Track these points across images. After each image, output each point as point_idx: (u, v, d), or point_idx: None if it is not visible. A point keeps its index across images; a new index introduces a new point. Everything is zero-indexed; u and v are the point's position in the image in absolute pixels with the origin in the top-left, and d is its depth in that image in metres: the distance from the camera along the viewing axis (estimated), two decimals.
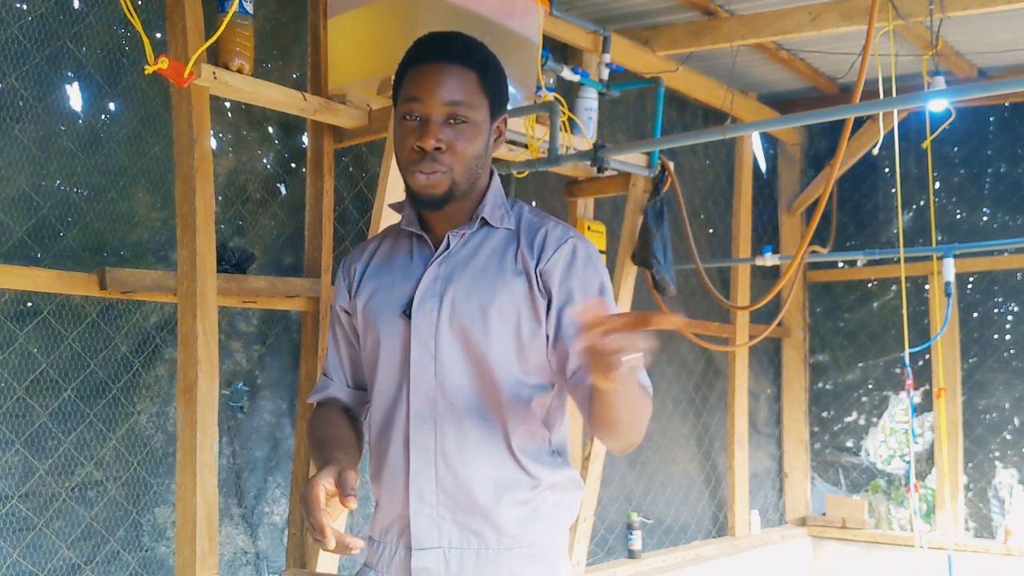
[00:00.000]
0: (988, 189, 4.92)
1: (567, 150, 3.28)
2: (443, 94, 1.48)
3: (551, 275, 1.51)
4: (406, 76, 1.53)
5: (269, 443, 2.86)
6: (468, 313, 1.50)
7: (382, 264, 1.64)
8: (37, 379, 2.38)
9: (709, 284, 3.93)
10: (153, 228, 2.65)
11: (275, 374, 2.91)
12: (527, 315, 1.51)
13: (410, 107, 1.50)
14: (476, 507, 1.50)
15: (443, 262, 1.55)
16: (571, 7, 3.74)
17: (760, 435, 5.23)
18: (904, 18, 3.60)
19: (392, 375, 1.55)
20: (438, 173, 1.49)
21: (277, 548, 2.85)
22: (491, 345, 1.50)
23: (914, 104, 3.68)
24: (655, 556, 4.29)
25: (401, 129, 1.52)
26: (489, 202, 1.57)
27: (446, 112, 1.48)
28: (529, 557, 1.52)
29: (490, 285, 1.51)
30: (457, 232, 1.56)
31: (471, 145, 1.51)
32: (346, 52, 2.85)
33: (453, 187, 1.51)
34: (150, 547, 2.61)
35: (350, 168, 3.16)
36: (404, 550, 1.53)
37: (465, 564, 1.50)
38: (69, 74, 2.47)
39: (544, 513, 1.54)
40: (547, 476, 1.53)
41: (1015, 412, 4.79)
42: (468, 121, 1.50)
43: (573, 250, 1.52)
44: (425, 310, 1.52)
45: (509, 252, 1.54)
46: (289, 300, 2.90)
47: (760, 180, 5.20)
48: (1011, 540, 4.60)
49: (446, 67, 1.50)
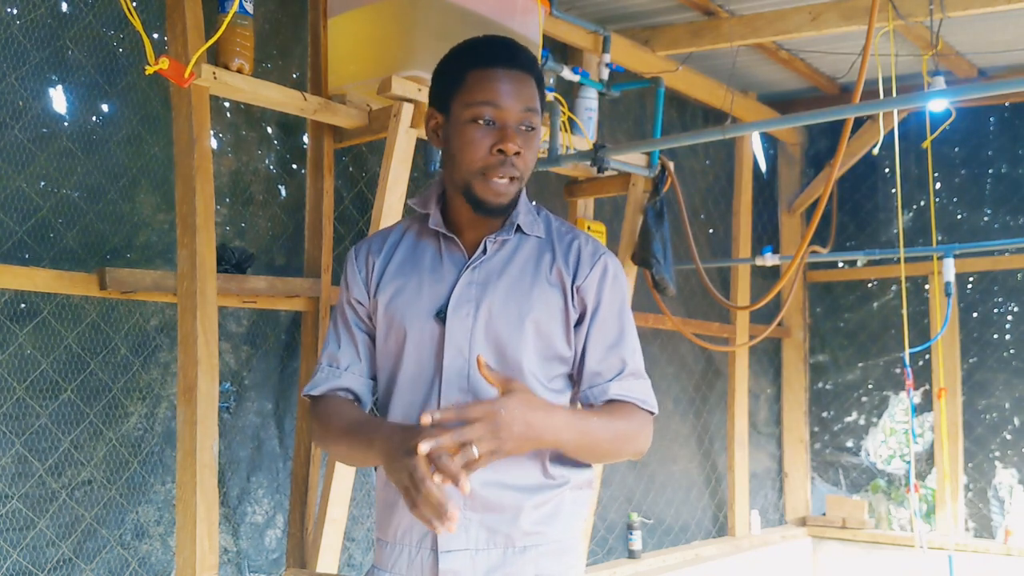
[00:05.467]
0: (988, 189, 4.92)
1: (567, 150, 3.28)
2: (522, 101, 1.50)
3: (588, 292, 1.55)
4: (471, 78, 1.51)
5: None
6: (505, 321, 1.52)
7: (406, 262, 1.61)
8: (37, 379, 2.37)
9: (709, 284, 3.93)
10: (153, 228, 2.65)
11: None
12: (559, 326, 1.54)
13: (483, 111, 1.49)
14: (503, 509, 1.51)
15: (477, 268, 1.56)
16: (571, 7, 3.74)
17: (760, 435, 5.23)
18: (904, 18, 3.60)
19: (420, 378, 1.54)
20: (515, 180, 1.52)
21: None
22: (526, 353, 1.52)
23: (914, 104, 3.68)
24: (655, 556, 4.29)
25: (471, 132, 1.49)
26: (522, 209, 1.59)
27: (522, 119, 1.50)
28: (554, 552, 1.54)
29: (527, 294, 1.53)
30: (495, 238, 1.56)
31: (535, 153, 1.55)
32: (346, 52, 2.85)
33: (519, 193, 1.55)
34: (150, 547, 2.61)
35: (350, 168, 3.16)
36: (429, 552, 1.52)
37: (492, 563, 1.51)
38: (69, 74, 2.47)
39: (565, 511, 1.56)
40: (569, 473, 1.56)
41: (1015, 412, 4.79)
42: (535, 128, 1.53)
43: (605, 268, 1.57)
44: (460, 315, 1.52)
45: (544, 262, 1.57)
46: (289, 300, 2.90)
47: (760, 180, 5.20)
48: (1011, 540, 4.60)
49: (519, 74, 1.51)
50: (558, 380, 1.58)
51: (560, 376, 1.58)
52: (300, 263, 3.00)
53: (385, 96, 2.70)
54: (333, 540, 2.73)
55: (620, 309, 1.58)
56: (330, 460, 2.73)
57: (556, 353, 1.55)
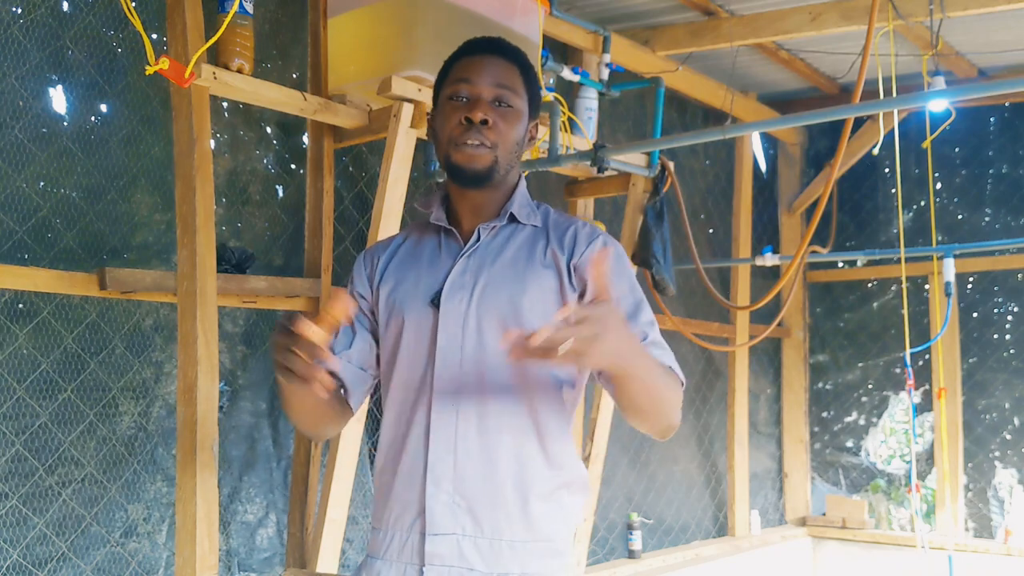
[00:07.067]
0: (989, 189, 4.92)
1: (567, 150, 3.28)
2: (493, 76, 1.57)
3: (586, 269, 1.54)
4: (453, 66, 1.60)
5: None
6: (498, 304, 1.53)
7: (408, 257, 1.66)
8: (36, 379, 2.38)
9: (709, 284, 3.92)
10: (151, 228, 2.65)
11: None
12: (556, 307, 1.53)
13: (457, 88, 1.56)
14: (494, 497, 1.51)
15: (472, 255, 1.59)
16: (571, 7, 3.74)
17: (760, 435, 5.23)
18: (904, 18, 3.60)
19: (416, 363, 1.56)
20: (483, 147, 1.55)
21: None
22: None
23: (914, 104, 3.68)
24: (655, 556, 4.29)
25: (446, 109, 1.57)
26: (518, 199, 1.62)
27: (494, 93, 1.56)
28: (543, 552, 1.53)
29: (520, 277, 1.55)
30: (487, 226, 1.60)
31: (513, 129, 1.58)
32: (346, 52, 2.85)
33: (495, 165, 1.56)
34: (150, 546, 2.61)
35: (350, 168, 3.16)
36: (418, 536, 1.53)
37: (478, 553, 1.50)
38: (69, 74, 2.47)
39: (560, 509, 1.56)
40: (565, 472, 1.56)
41: (1015, 412, 4.79)
42: (512, 107, 1.57)
43: (604, 245, 1.57)
44: (454, 300, 1.55)
45: (538, 247, 1.59)
46: (289, 300, 2.90)
47: (760, 180, 5.20)
48: (1011, 540, 4.60)
49: (495, 58, 1.59)
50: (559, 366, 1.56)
51: None
52: (300, 263, 3.00)
53: (385, 96, 2.70)
54: (333, 540, 2.73)
55: (631, 285, 1.58)
56: (330, 460, 2.73)
57: None
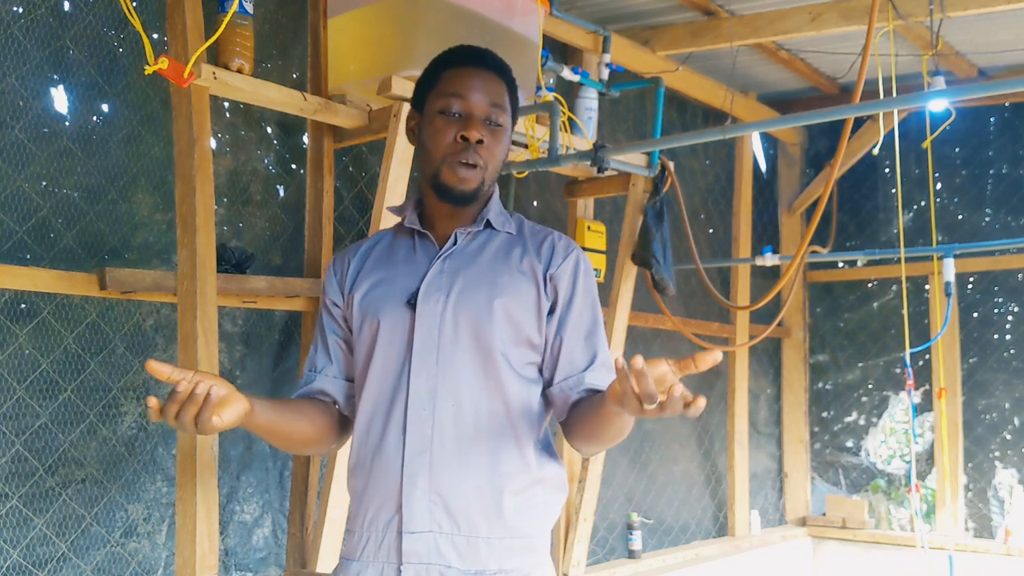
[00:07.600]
0: (989, 189, 4.92)
1: (567, 150, 3.28)
2: (488, 96, 1.59)
3: (560, 280, 1.60)
4: (443, 75, 1.61)
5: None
6: (474, 305, 1.55)
7: (382, 259, 1.68)
8: (36, 379, 2.38)
9: (709, 284, 3.92)
10: (151, 228, 2.65)
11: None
12: (531, 314, 1.58)
13: (450, 103, 1.58)
14: (469, 494, 1.52)
15: (449, 258, 1.61)
16: (571, 7, 3.74)
17: (760, 435, 5.22)
18: (904, 18, 3.60)
19: (392, 363, 1.58)
20: (477, 168, 1.57)
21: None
22: (497, 335, 1.55)
23: (914, 104, 3.68)
24: (655, 556, 4.29)
25: (438, 123, 1.58)
26: (494, 207, 1.66)
27: (486, 112, 1.58)
28: (519, 548, 1.55)
29: (495, 280, 1.58)
30: (465, 230, 1.63)
31: (501, 148, 1.62)
32: (346, 52, 2.85)
33: (481, 185, 1.60)
34: (150, 546, 2.61)
35: (350, 168, 3.16)
36: (394, 534, 1.54)
37: (455, 550, 1.51)
38: (69, 74, 2.47)
39: (535, 506, 1.57)
40: (540, 468, 1.58)
41: (1015, 412, 4.79)
42: (501, 125, 1.61)
43: (578, 260, 1.63)
44: (431, 301, 1.56)
45: (514, 253, 1.62)
46: (289, 300, 2.90)
47: (760, 180, 5.20)
48: (1011, 540, 4.60)
49: (486, 73, 1.61)
50: (530, 368, 1.60)
51: (532, 364, 1.60)
52: (300, 263, 3.00)
53: (385, 96, 2.70)
54: (333, 540, 2.73)
55: (593, 301, 1.64)
56: (329, 460, 2.73)
57: (527, 339, 1.58)
